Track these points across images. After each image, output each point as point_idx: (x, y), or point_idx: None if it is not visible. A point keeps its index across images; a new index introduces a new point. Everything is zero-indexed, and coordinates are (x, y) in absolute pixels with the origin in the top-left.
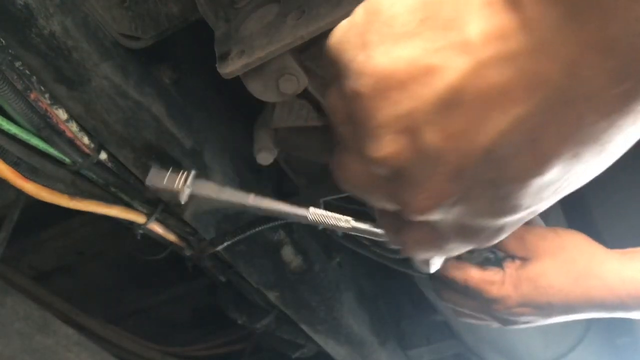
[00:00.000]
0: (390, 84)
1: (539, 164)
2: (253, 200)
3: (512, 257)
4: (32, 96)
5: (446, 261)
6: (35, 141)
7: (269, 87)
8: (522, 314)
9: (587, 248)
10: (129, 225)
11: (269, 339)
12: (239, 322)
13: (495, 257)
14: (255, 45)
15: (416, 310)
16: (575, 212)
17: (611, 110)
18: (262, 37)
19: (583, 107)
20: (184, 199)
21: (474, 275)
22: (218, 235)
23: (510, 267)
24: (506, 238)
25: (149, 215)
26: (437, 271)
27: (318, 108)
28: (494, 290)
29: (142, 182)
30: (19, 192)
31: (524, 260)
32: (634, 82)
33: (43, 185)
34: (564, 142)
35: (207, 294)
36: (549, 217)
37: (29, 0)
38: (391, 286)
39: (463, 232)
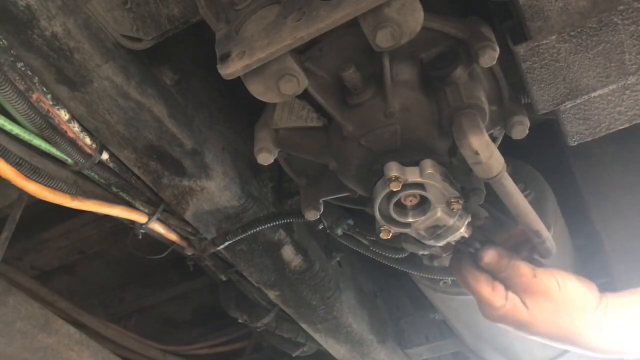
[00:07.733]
0: None
1: None
2: None
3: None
4: (34, 97)
5: (467, 259)
6: (37, 142)
7: (269, 88)
8: (507, 327)
9: (577, 305)
10: (131, 224)
11: (270, 337)
12: (240, 320)
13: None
14: (255, 46)
15: (415, 309)
16: (573, 212)
17: None
18: (262, 38)
19: None
20: None
21: (485, 291)
22: (219, 234)
23: (513, 297)
24: (519, 277)
25: (150, 215)
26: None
27: (318, 108)
28: (495, 311)
29: (144, 182)
30: (21, 192)
31: (523, 294)
32: None
33: (45, 185)
34: None
35: (208, 293)
36: (547, 217)
37: (31, 1)
38: (390, 285)
39: None
